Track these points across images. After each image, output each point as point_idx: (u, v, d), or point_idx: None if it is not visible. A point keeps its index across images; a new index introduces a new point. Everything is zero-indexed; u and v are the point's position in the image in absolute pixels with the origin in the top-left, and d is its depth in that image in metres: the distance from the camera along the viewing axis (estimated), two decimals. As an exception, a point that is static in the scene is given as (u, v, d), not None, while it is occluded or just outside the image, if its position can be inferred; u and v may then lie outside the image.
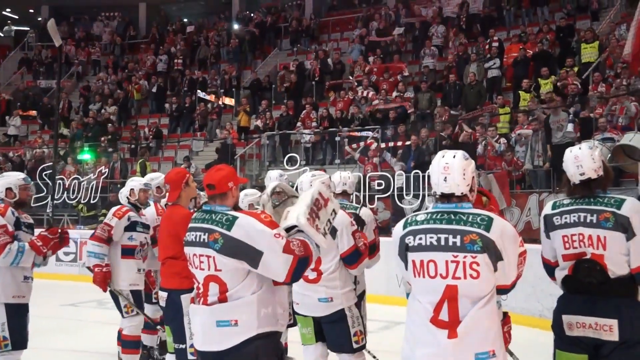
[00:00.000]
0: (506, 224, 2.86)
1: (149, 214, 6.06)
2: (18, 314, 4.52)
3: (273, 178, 6.02)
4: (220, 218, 2.99)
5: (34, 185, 13.04)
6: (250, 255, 2.89)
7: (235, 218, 2.96)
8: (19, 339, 4.49)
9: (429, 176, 4.04)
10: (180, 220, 3.99)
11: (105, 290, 5.50)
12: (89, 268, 5.49)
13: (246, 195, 5.69)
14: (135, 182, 5.95)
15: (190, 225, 3.13)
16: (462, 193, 2.88)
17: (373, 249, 4.50)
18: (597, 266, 3.31)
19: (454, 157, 2.91)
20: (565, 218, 3.44)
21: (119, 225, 5.52)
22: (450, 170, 2.88)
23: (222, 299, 2.98)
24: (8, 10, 27.49)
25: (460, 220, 2.80)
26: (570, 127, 10.42)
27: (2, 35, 27.14)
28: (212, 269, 2.99)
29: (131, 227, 5.60)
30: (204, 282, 3.04)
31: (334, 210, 3.16)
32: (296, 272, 2.90)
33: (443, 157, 2.93)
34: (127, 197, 5.83)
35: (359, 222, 4.46)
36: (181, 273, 4.01)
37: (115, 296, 5.55)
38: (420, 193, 10.47)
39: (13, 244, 4.44)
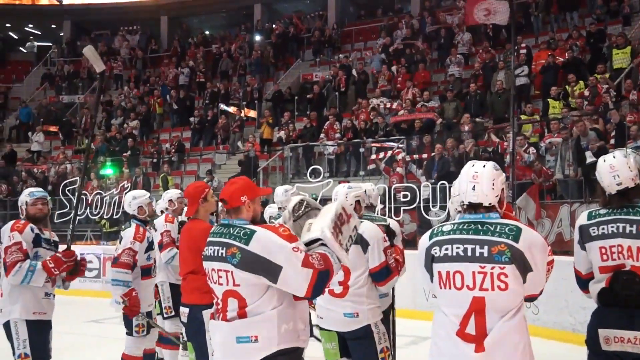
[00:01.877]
0: (535, 234, 2.83)
1: (158, 221, 6.19)
2: (40, 330, 4.55)
3: (279, 194, 6.08)
4: (238, 232, 2.99)
5: (57, 200, 13.33)
6: (268, 270, 2.88)
7: (253, 232, 2.96)
8: (41, 356, 4.53)
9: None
10: (199, 234, 4.01)
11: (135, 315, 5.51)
12: (118, 302, 5.40)
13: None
14: (173, 192, 6.28)
15: (209, 239, 3.14)
16: (490, 204, 2.86)
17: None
18: (636, 278, 3.26)
19: (484, 166, 2.89)
20: (603, 229, 3.40)
21: (142, 249, 5.52)
22: (480, 179, 2.86)
23: (242, 314, 2.98)
24: (30, 25, 28.05)
25: (488, 231, 2.78)
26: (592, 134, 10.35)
27: (24, 51, 27.71)
28: (230, 284, 2.99)
29: (149, 247, 5.64)
30: (222, 297, 3.04)
31: (355, 227, 3.16)
32: (317, 287, 2.88)
33: (473, 166, 2.92)
34: (165, 208, 6.13)
35: (390, 233, 4.46)
36: (202, 288, 4.00)
37: (127, 316, 5.51)
38: (447, 205, 10.40)
39: (25, 263, 4.44)
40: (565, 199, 10.37)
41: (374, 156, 13.56)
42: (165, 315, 6.16)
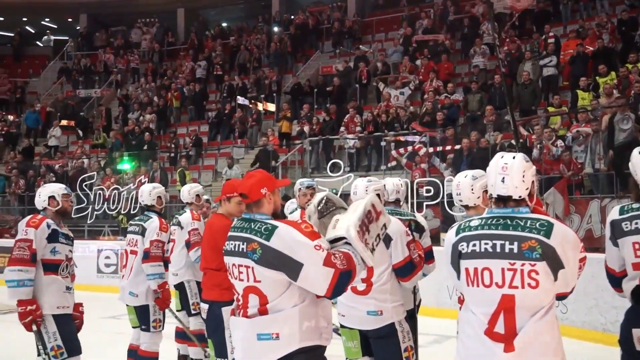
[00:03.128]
0: (567, 230, 2.77)
1: (185, 218, 6.22)
2: (66, 322, 4.64)
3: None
4: (259, 227, 2.98)
5: (74, 195, 13.46)
6: (289, 266, 2.86)
7: (274, 227, 2.94)
8: (73, 346, 4.62)
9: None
10: (219, 231, 4.03)
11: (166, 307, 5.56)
12: (155, 291, 5.48)
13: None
14: (199, 187, 6.44)
15: (230, 233, 3.13)
16: (520, 197, 2.80)
17: (429, 256, 4.48)
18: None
19: (514, 158, 2.84)
20: (636, 223, 3.33)
21: (167, 240, 5.62)
22: (509, 171, 2.80)
23: (263, 311, 2.97)
24: (47, 20, 28.33)
25: (518, 226, 2.72)
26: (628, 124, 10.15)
27: (41, 45, 27.97)
28: (251, 280, 2.98)
29: (168, 239, 5.71)
30: (243, 294, 3.03)
31: (384, 225, 3.12)
32: (337, 287, 2.85)
33: (502, 157, 2.86)
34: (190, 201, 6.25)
35: (419, 228, 4.44)
36: (222, 284, 4.02)
37: (145, 310, 5.58)
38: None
39: (27, 273, 4.45)
40: (595, 194, 10.23)
41: (394, 152, 13.48)
42: (192, 312, 6.21)
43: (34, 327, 4.49)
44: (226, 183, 4.34)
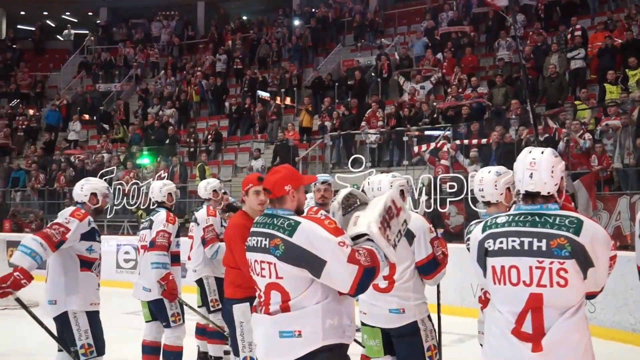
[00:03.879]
0: (597, 227, 2.73)
1: (201, 214, 6.26)
2: (96, 320, 4.68)
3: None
4: (281, 223, 2.97)
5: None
6: (312, 263, 2.85)
7: (297, 223, 2.93)
8: (101, 345, 4.66)
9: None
10: (233, 229, 4.10)
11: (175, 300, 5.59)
12: (159, 282, 5.47)
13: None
14: (216, 182, 6.48)
15: (252, 229, 3.13)
16: (548, 193, 2.76)
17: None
18: None
19: (542, 153, 2.80)
20: None
21: (174, 232, 5.62)
22: (537, 166, 2.76)
23: (285, 308, 2.96)
24: (67, 13, 28.59)
25: (546, 223, 2.68)
26: None
27: (61, 39, 28.24)
28: (273, 277, 2.97)
29: (177, 232, 5.71)
30: (265, 290, 3.03)
31: (405, 221, 3.10)
32: (361, 284, 2.84)
33: (530, 152, 2.82)
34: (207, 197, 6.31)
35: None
36: (234, 281, 4.06)
37: (161, 305, 5.60)
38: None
39: (46, 251, 4.34)
40: (624, 190, 10.08)
41: (416, 148, 13.38)
42: (212, 309, 6.23)
43: (13, 294, 4.33)
44: (245, 178, 4.34)
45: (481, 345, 4.13)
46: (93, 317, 4.65)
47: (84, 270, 4.62)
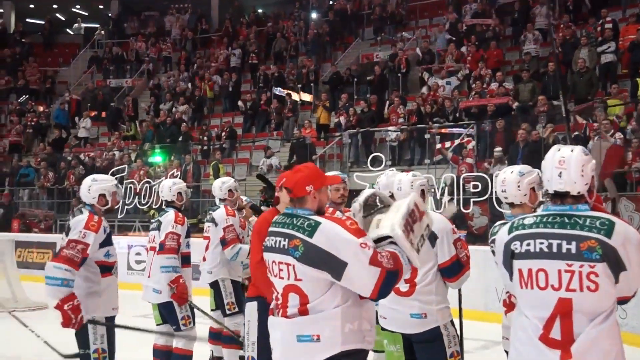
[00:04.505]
0: (629, 229, 2.69)
1: (219, 214, 6.25)
2: (113, 324, 4.73)
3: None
4: (301, 223, 2.97)
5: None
6: (332, 265, 2.85)
7: (318, 224, 2.93)
8: (113, 350, 4.70)
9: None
10: (259, 223, 4.10)
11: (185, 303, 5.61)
12: (169, 285, 5.51)
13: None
14: (232, 182, 6.45)
15: (270, 229, 3.13)
16: (578, 193, 2.74)
17: None
18: None
19: (572, 151, 2.77)
20: None
21: (183, 233, 5.63)
22: (567, 165, 2.73)
23: (303, 311, 2.96)
24: (77, 6, 28.79)
25: (576, 224, 2.66)
26: None
27: (71, 33, 28.44)
28: (292, 278, 2.97)
29: (187, 233, 5.73)
30: (283, 292, 3.03)
31: (427, 225, 3.10)
32: (384, 287, 2.84)
33: (559, 150, 2.79)
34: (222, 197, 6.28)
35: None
36: (250, 280, 4.14)
37: (171, 308, 5.61)
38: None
39: (72, 271, 4.40)
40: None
41: (439, 145, 13.33)
42: (227, 312, 6.24)
43: (75, 325, 4.45)
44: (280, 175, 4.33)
45: (506, 352, 4.11)
46: (112, 322, 4.71)
47: (105, 275, 4.66)
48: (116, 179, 13.58)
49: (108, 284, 4.67)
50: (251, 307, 3.96)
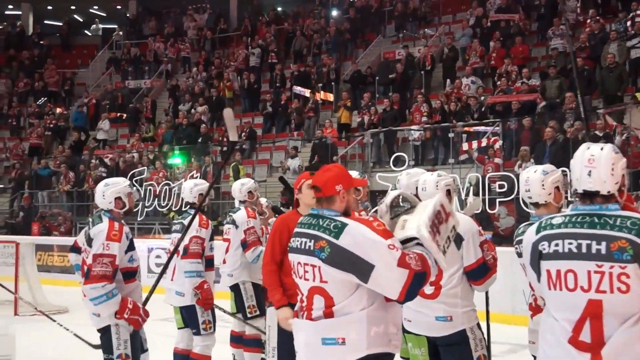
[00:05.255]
0: (662, 229, 2.67)
1: (240, 216, 6.28)
2: (137, 331, 4.76)
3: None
4: (327, 224, 2.98)
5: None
6: (359, 267, 2.86)
7: (344, 225, 2.94)
8: (137, 356, 4.76)
9: (565, 174, 3.88)
10: (275, 224, 4.15)
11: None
12: (194, 290, 5.53)
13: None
14: (251, 183, 6.44)
15: (296, 230, 3.15)
16: (608, 192, 2.72)
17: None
18: None
19: (602, 149, 2.75)
20: None
21: (207, 236, 5.66)
22: (596, 163, 2.72)
23: (328, 313, 2.97)
24: (95, 7, 29.08)
25: (606, 224, 2.64)
26: None
27: (89, 34, 28.72)
28: (317, 280, 2.98)
29: (211, 236, 5.76)
30: (308, 295, 3.04)
31: (454, 227, 3.10)
32: (411, 290, 2.83)
33: (588, 148, 2.78)
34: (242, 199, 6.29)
35: None
36: None
37: (192, 311, 5.64)
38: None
39: (109, 284, 4.48)
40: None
41: (465, 145, 13.24)
42: (248, 315, 6.26)
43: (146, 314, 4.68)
44: (299, 176, 4.29)
45: (533, 356, 4.10)
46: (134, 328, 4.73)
47: (128, 282, 4.70)
48: (136, 181, 13.65)
49: (132, 290, 4.72)
50: (272, 313, 3.98)
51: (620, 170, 2.74)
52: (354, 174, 5.33)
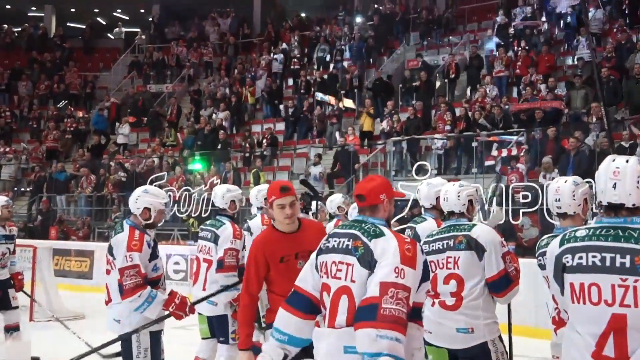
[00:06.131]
0: (686, 243, 2.66)
1: (254, 223, 6.23)
2: (158, 340, 4.81)
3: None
4: (369, 227, 3.08)
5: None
6: (370, 267, 2.97)
7: (382, 234, 3.04)
8: None
9: (590, 186, 3.87)
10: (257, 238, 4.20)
11: None
12: (230, 302, 5.56)
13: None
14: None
15: (335, 231, 3.23)
16: (633, 205, 2.73)
17: None
18: None
19: (627, 161, 2.77)
20: None
21: (241, 247, 5.62)
22: (622, 175, 2.73)
23: (351, 321, 2.99)
24: (118, 10, 29.35)
25: (631, 237, 2.65)
26: None
27: (112, 37, 28.98)
28: (348, 279, 3.04)
29: (244, 245, 5.72)
30: (334, 296, 3.07)
31: None
32: (362, 310, 2.89)
33: (613, 160, 2.79)
34: (259, 205, 6.19)
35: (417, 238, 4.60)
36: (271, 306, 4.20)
37: (224, 321, 5.65)
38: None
39: (144, 290, 4.59)
40: None
41: (495, 152, 13.12)
42: (263, 325, 6.26)
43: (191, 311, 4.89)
44: (269, 187, 4.13)
45: (556, 370, 4.09)
46: (155, 337, 4.77)
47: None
48: (155, 186, 13.69)
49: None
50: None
51: None
52: (338, 197, 5.42)
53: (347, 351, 2.98)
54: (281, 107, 19.27)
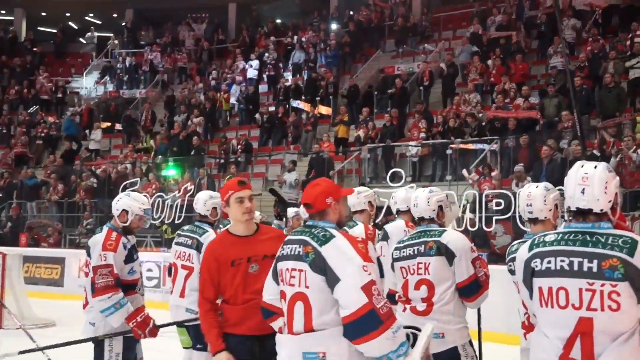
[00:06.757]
0: (654, 248, 2.73)
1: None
2: (131, 345, 4.79)
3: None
4: (318, 232, 3.13)
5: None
6: (330, 277, 3.00)
7: (332, 237, 3.08)
8: None
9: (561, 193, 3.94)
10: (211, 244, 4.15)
11: None
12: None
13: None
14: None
15: (288, 237, 3.26)
16: (601, 210, 2.78)
17: None
18: None
19: (595, 167, 2.83)
20: None
21: None
22: (590, 181, 2.79)
23: (308, 328, 3.06)
24: (91, 15, 29.08)
25: (598, 242, 2.70)
26: None
27: (84, 42, 28.72)
28: (302, 286, 3.09)
29: None
30: (289, 302, 3.13)
31: None
32: (359, 323, 2.91)
33: (582, 166, 2.85)
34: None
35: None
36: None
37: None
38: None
39: (116, 294, 4.57)
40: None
41: (465, 172, 13.10)
42: None
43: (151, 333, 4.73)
44: (224, 185, 4.04)
45: (525, 375, 4.14)
46: (129, 342, 4.75)
47: (128, 294, 4.71)
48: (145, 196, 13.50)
49: (131, 302, 4.72)
50: None
51: (613, 188, 2.81)
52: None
53: (305, 357, 3.04)
54: (257, 115, 19.19)
